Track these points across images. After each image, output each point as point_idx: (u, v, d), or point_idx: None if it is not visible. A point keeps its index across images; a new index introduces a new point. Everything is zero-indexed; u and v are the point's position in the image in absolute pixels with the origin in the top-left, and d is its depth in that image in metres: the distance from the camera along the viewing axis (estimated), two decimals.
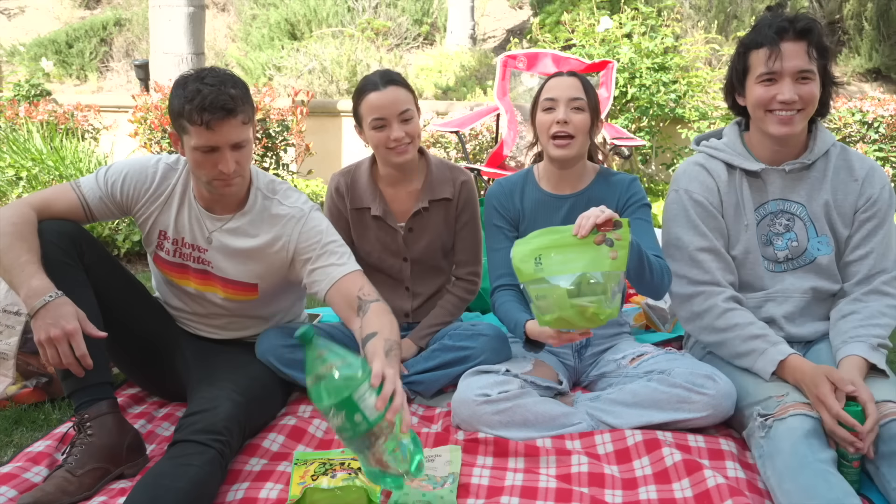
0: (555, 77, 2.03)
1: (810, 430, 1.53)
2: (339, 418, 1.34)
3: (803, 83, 1.73)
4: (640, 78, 5.34)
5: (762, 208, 1.87)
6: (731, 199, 1.88)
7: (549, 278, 1.58)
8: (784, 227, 1.85)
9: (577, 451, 1.72)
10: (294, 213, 1.89)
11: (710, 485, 1.51)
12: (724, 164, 1.89)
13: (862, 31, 7.24)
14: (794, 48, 1.72)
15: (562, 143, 1.96)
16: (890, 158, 5.10)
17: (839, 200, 1.83)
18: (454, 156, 5.41)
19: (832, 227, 1.84)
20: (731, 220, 1.88)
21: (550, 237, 1.64)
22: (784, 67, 1.72)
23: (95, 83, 8.81)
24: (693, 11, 7.55)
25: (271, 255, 1.90)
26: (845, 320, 1.77)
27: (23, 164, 4.05)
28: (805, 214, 1.84)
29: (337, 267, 1.84)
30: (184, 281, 1.97)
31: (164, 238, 1.93)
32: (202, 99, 1.68)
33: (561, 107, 1.95)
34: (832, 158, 1.84)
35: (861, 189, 1.82)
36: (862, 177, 1.82)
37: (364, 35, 7.60)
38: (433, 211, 2.23)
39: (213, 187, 1.81)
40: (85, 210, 1.85)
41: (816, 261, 1.84)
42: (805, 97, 1.73)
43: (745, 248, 1.87)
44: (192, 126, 1.70)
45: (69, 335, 1.55)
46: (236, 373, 1.83)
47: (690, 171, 1.92)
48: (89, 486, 1.59)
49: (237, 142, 1.75)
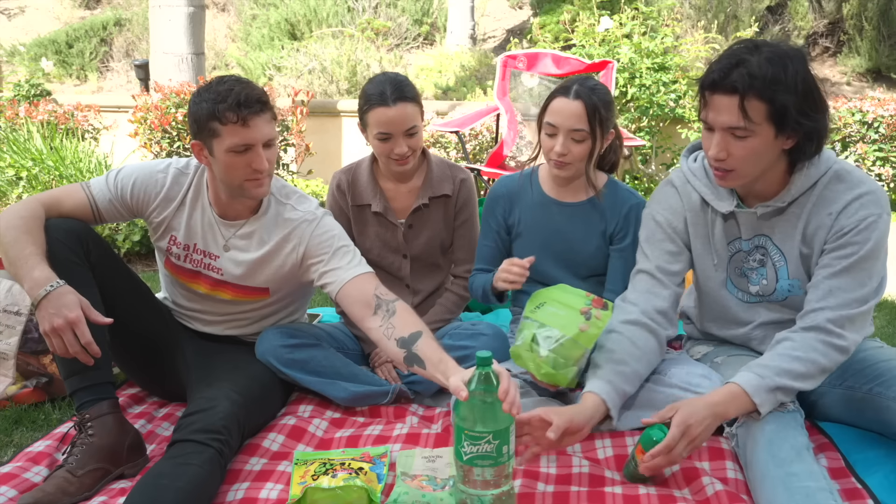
0: (561, 98, 1.93)
1: (771, 432, 1.51)
2: (491, 446, 1.35)
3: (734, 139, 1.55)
4: (640, 78, 5.34)
5: (734, 244, 1.76)
6: (701, 230, 1.79)
7: (532, 320, 1.72)
8: (758, 263, 1.75)
9: (576, 454, 1.72)
10: (307, 217, 1.91)
11: (708, 493, 1.51)
12: (698, 194, 1.78)
13: (862, 31, 7.24)
14: (723, 102, 1.52)
15: (560, 165, 1.96)
16: (890, 158, 5.10)
17: (811, 234, 1.65)
18: (454, 156, 5.41)
19: (805, 267, 1.69)
20: (698, 253, 1.81)
21: (561, 293, 1.76)
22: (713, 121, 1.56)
23: (95, 83, 8.82)
24: (693, 11, 7.55)
25: (282, 259, 1.91)
26: (771, 348, 1.62)
27: (23, 164, 4.06)
28: (778, 254, 1.71)
29: (351, 268, 1.85)
30: (194, 284, 1.98)
31: (173, 243, 1.95)
32: (236, 96, 1.71)
33: (560, 137, 1.92)
34: (818, 189, 1.64)
35: (834, 222, 1.61)
36: (838, 210, 1.61)
37: (364, 35, 7.60)
38: (433, 208, 2.24)
39: (244, 190, 1.82)
40: (94, 211, 1.86)
41: (788, 300, 1.74)
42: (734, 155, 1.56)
43: (717, 284, 1.81)
44: (227, 126, 1.72)
45: (72, 324, 1.55)
46: (235, 372, 1.83)
47: (663, 193, 1.85)
48: (90, 487, 1.59)
49: (269, 138, 1.79)
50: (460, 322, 2.27)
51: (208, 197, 1.92)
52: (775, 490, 1.41)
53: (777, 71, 1.47)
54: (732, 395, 1.53)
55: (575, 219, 2.04)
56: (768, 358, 1.59)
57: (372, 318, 1.76)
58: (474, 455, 1.35)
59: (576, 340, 1.67)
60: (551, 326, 1.69)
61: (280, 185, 1.96)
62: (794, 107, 1.49)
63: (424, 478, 1.60)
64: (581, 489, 1.57)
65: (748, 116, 1.50)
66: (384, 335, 1.72)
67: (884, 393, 1.62)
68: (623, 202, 2.04)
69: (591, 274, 2.07)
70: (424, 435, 1.83)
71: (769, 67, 1.47)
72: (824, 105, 1.55)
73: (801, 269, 1.69)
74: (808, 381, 1.56)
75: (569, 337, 1.67)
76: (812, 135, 1.55)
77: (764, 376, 1.54)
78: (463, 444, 1.36)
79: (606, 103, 1.93)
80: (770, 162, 1.59)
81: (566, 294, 1.76)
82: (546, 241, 2.06)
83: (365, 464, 1.62)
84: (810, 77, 1.52)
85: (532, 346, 1.69)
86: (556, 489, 1.56)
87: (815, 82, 1.53)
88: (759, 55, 1.49)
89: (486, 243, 2.14)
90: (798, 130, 1.53)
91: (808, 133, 1.54)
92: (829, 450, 1.71)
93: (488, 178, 4.27)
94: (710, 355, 1.92)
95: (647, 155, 5.59)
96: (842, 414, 1.76)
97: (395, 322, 1.72)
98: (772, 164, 1.61)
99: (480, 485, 1.37)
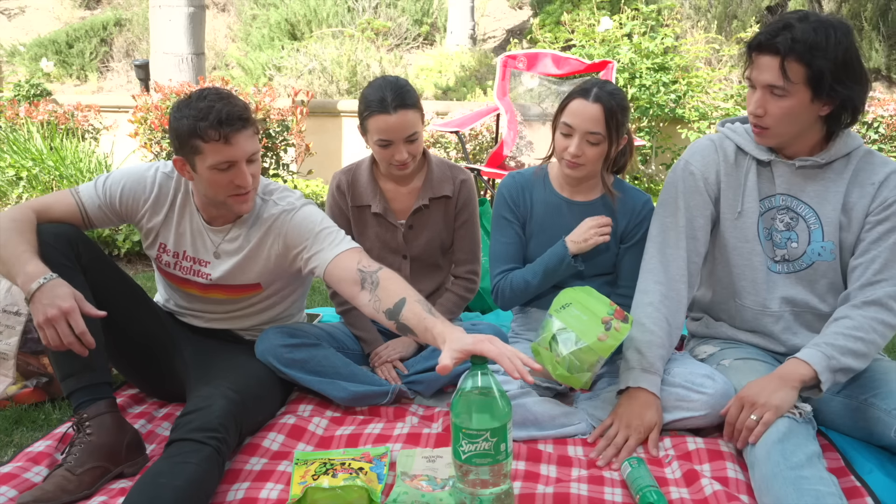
0: (580, 99, 1.93)
1: (784, 433, 1.52)
2: (489, 444, 1.35)
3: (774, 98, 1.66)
4: (640, 78, 5.34)
5: (767, 200, 1.80)
6: (732, 181, 1.83)
7: (556, 319, 1.76)
8: (785, 226, 1.79)
9: (578, 457, 1.73)
10: (285, 208, 1.89)
11: (707, 493, 1.51)
12: (735, 146, 1.84)
13: (862, 31, 7.24)
14: (766, 61, 1.65)
15: (573, 166, 1.96)
16: None
17: (851, 203, 1.73)
18: (454, 156, 5.41)
19: (841, 233, 1.75)
20: (725, 203, 1.84)
21: (588, 297, 1.80)
22: (755, 79, 1.67)
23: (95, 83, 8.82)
24: (693, 11, 7.55)
25: (266, 253, 1.91)
26: (831, 324, 1.69)
27: (23, 164, 4.06)
28: (812, 216, 1.76)
29: (332, 247, 1.81)
30: (187, 288, 1.99)
31: (163, 251, 1.95)
32: (217, 113, 1.69)
33: (576, 138, 1.92)
34: (853, 161, 1.74)
35: (876, 192, 1.71)
36: (880, 180, 1.72)
37: (364, 35, 7.60)
38: (433, 208, 2.24)
39: (228, 206, 1.82)
40: (83, 216, 1.86)
41: (813, 266, 1.77)
42: (771, 113, 1.68)
43: (741, 235, 1.82)
44: (209, 143, 1.70)
45: (66, 314, 1.55)
46: (233, 371, 1.83)
47: (698, 145, 1.89)
48: (89, 485, 1.59)
49: (252, 153, 1.77)
50: (461, 322, 2.26)
51: (195, 203, 1.92)
52: (785, 490, 1.42)
53: (819, 38, 1.59)
54: (798, 369, 1.60)
55: (587, 217, 2.03)
56: (832, 336, 1.64)
57: (361, 294, 1.72)
58: (472, 453, 1.36)
59: (592, 348, 1.71)
60: (572, 330, 1.73)
61: (264, 184, 1.95)
62: (830, 73, 1.60)
63: (424, 478, 1.60)
64: (581, 491, 1.57)
65: (787, 77, 1.61)
66: (374, 310, 1.68)
67: (877, 404, 1.65)
68: (634, 201, 2.04)
69: (598, 273, 2.06)
70: (425, 435, 1.83)
71: (812, 34, 1.59)
72: (864, 78, 1.66)
73: (837, 234, 1.75)
74: (865, 362, 1.64)
75: (586, 344, 1.71)
76: (847, 104, 1.65)
77: (831, 356, 1.60)
78: (461, 442, 1.36)
79: (624, 108, 1.94)
80: (805, 125, 1.69)
81: (591, 299, 1.80)
82: (557, 237, 2.03)
83: (365, 464, 1.62)
84: (853, 49, 1.62)
85: (552, 344, 1.74)
86: (556, 490, 1.56)
87: (856, 54, 1.63)
88: (807, 22, 1.60)
89: (505, 240, 2.08)
90: (834, 98, 1.63)
91: (843, 101, 1.64)
92: (828, 450, 1.71)
93: (488, 179, 4.27)
94: (716, 356, 1.91)
95: (647, 155, 5.59)
96: (838, 421, 1.77)
97: (381, 294, 1.68)
98: (807, 128, 1.70)
99: (479, 483, 1.37)
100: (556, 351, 1.72)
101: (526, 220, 2.08)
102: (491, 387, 1.38)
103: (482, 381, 1.38)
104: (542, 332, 1.79)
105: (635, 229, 2.02)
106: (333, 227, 1.88)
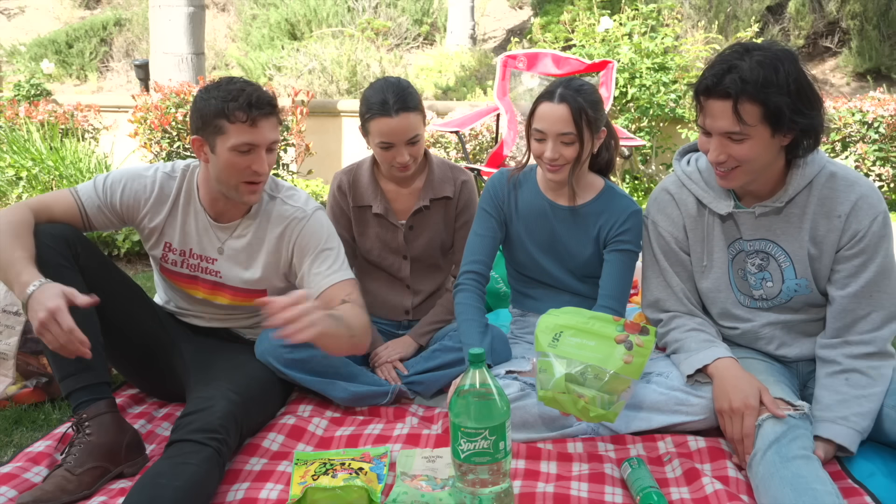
0: (545, 103, 1.89)
1: (782, 433, 1.52)
2: (487, 442, 1.35)
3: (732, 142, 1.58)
4: (640, 78, 5.34)
5: (736, 244, 1.76)
6: (698, 234, 1.80)
7: (556, 357, 1.60)
8: (757, 268, 1.75)
9: (577, 453, 1.72)
10: (297, 215, 1.91)
11: (707, 492, 1.51)
12: (696, 199, 1.78)
13: (862, 31, 7.25)
14: (718, 107, 1.56)
15: (554, 169, 1.93)
16: (890, 158, 5.10)
17: (820, 236, 1.67)
18: (454, 156, 5.41)
19: (813, 263, 1.70)
20: (695, 256, 1.82)
21: (578, 318, 1.67)
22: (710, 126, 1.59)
23: (95, 83, 8.82)
24: (693, 11, 7.55)
25: (278, 254, 1.92)
26: (848, 379, 1.64)
27: (23, 164, 4.05)
28: (782, 254, 1.71)
29: (329, 275, 1.84)
30: (192, 290, 1.98)
31: (168, 250, 1.94)
32: (248, 96, 1.72)
33: (549, 142, 1.89)
34: (816, 190, 1.66)
35: (845, 225, 1.64)
36: (846, 211, 1.64)
37: (364, 35, 7.60)
38: (434, 209, 2.24)
39: (238, 192, 1.82)
40: (83, 217, 1.86)
41: (793, 299, 1.74)
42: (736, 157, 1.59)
43: (713, 286, 1.81)
44: (234, 124, 1.73)
45: (53, 313, 1.51)
46: (233, 372, 1.83)
47: (660, 200, 1.85)
48: (88, 485, 1.59)
49: (273, 141, 1.79)
50: None
51: (199, 200, 1.91)
52: (783, 489, 1.42)
53: (769, 73, 1.50)
54: (829, 449, 1.60)
55: (572, 222, 2.02)
56: (855, 402, 1.61)
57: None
58: (471, 452, 1.36)
59: (620, 375, 1.56)
60: (584, 362, 1.57)
61: (269, 180, 1.94)
62: (787, 107, 1.52)
63: (424, 478, 1.60)
64: (581, 492, 1.57)
65: (743, 120, 1.53)
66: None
67: (886, 401, 1.64)
68: (622, 209, 1.99)
69: (589, 275, 2.05)
70: (425, 435, 1.83)
71: (760, 70, 1.50)
72: (819, 101, 1.58)
73: (809, 269, 1.70)
74: (875, 402, 1.64)
75: (612, 372, 1.56)
76: (809, 131, 1.58)
77: (859, 429, 1.60)
78: (459, 441, 1.37)
79: (593, 103, 1.90)
80: (770, 159, 1.62)
81: (587, 320, 1.66)
82: (544, 240, 2.04)
83: (365, 464, 1.62)
84: (802, 76, 1.55)
85: (569, 386, 1.55)
86: (556, 490, 1.56)
87: (807, 80, 1.56)
88: (750, 59, 1.52)
89: (480, 232, 2.05)
90: (794, 128, 1.56)
91: (804, 130, 1.57)
92: None
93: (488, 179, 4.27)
94: None
95: (647, 155, 5.59)
96: None
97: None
98: (771, 161, 1.63)
99: (479, 483, 1.37)
100: (579, 392, 1.54)
101: (508, 219, 2.07)
102: (489, 385, 1.38)
103: (480, 379, 1.39)
104: (541, 377, 1.62)
105: (619, 236, 1.98)
106: (335, 248, 1.89)
